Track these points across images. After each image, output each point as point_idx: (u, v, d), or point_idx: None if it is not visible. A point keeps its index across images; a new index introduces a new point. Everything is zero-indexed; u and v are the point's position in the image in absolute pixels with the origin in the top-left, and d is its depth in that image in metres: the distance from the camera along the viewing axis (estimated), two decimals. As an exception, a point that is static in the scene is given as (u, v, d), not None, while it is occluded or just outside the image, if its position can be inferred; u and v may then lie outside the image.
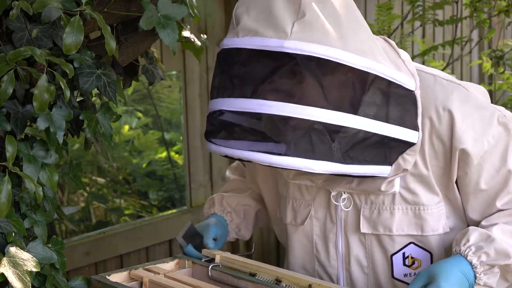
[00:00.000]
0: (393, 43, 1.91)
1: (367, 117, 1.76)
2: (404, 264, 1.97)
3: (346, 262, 2.02)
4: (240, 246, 4.05)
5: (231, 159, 1.91)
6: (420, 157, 1.90)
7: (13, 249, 1.77)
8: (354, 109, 1.74)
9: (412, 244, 1.96)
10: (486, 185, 1.91)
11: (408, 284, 1.94)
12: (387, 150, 1.82)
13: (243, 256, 2.10)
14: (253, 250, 2.29)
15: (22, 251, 1.78)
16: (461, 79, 5.50)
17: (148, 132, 5.01)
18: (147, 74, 2.20)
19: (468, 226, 1.97)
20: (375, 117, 1.77)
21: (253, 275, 1.99)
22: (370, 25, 4.10)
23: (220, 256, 2.10)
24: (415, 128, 1.84)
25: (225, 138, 1.78)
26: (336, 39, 1.71)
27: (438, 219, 1.94)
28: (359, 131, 1.76)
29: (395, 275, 1.99)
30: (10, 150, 1.78)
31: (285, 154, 1.72)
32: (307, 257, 2.09)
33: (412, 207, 1.94)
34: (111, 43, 1.86)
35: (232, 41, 1.77)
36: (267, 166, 1.82)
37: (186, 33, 2.27)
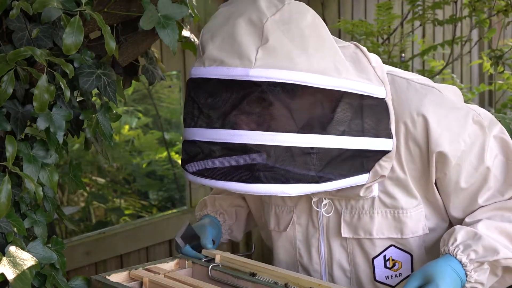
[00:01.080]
0: (364, 48, 1.90)
1: (339, 134, 1.77)
2: (385, 266, 1.99)
3: (328, 266, 2.04)
4: (240, 246, 4.06)
5: None
6: (396, 161, 1.91)
7: (13, 249, 1.77)
8: (325, 129, 1.75)
9: (392, 247, 1.98)
10: (466, 184, 1.93)
11: (390, 286, 1.98)
12: (364, 160, 1.84)
13: (243, 256, 2.10)
14: (253, 250, 2.29)
15: (22, 251, 1.78)
16: (461, 79, 5.51)
17: (148, 132, 5.01)
18: (147, 74, 2.21)
19: (451, 224, 1.99)
20: (348, 133, 1.78)
21: (253, 275, 1.99)
22: (370, 25, 4.13)
23: (220, 256, 2.10)
24: (389, 135, 1.85)
25: (200, 167, 1.80)
26: (300, 62, 1.71)
27: (417, 222, 1.96)
28: (333, 149, 1.77)
29: (377, 277, 2.00)
30: (10, 150, 1.78)
31: (259, 182, 1.73)
32: (291, 261, 2.11)
33: (391, 210, 1.95)
34: (111, 43, 1.86)
35: (199, 71, 1.78)
36: None
37: (186, 33, 2.28)
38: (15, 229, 1.83)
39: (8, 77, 1.78)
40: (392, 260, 1.99)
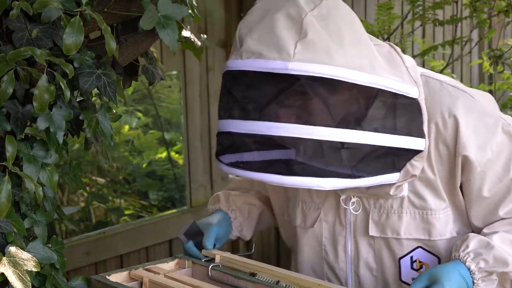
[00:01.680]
0: (398, 49, 1.92)
1: (373, 131, 1.78)
2: (412, 268, 1.99)
3: (355, 265, 2.04)
4: (240, 246, 4.06)
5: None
6: (426, 162, 1.92)
7: (13, 249, 1.77)
8: (360, 125, 1.77)
9: (420, 248, 1.98)
10: (489, 193, 1.92)
11: None
12: (395, 158, 1.85)
13: (243, 256, 2.10)
14: (253, 250, 2.29)
15: (22, 251, 1.78)
16: (461, 79, 5.51)
17: (148, 132, 5.01)
18: (147, 74, 2.20)
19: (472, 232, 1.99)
20: (382, 130, 1.80)
21: (253, 275, 1.99)
22: (370, 25, 4.12)
23: (220, 256, 2.10)
24: (422, 135, 1.86)
25: (235, 159, 1.81)
26: (338, 57, 1.73)
27: (445, 224, 1.96)
28: (366, 145, 1.78)
29: (403, 278, 2.00)
30: (10, 150, 1.78)
31: (295, 174, 1.74)
32: (316, 259, 2.10)
33: (420, 211, 1.96)
34: (111, 43, 1.86)
35: (236, 63, 1.78)
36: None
37: (186, 33, 2.27)
38: (15, 229, 1.83)
39: (8, 77, 1.78)
40: (420, 262, 1.99)
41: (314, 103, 1.73)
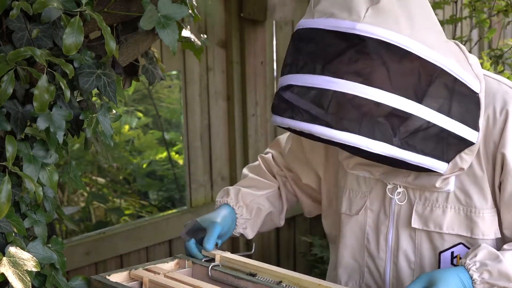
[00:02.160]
0: (464, 47, 1.95)
1: (429, 107, 1.80)
2: (452, 263, 1.99)
3: (394, 255, 2.05)
4: (240, 246, 4.06)
5: (293, 131, 1.94)
6: (476, 158, 1.93)
7: (13, 249, 1.77)
8: (417, 98, 1.79)
9: (461, 245, 1.99)
10: None
11: None
12: (445, 146, 1.85)
13: (243, 256, 2.10)
14: (253, 250, 2.29)
15: (22, 251, 1.78)
16: (461, 79, 5.48)
17: (148, 132, 5.01)
18: (147, 74, 2.20)
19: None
20: (438, 110, 1.81)
21: (253, 275, 1.99)
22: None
23: (220, 256, 2.10)
24: (476, 128, 1.87)
25: (290, 113, 1.84)
26: (406, 28, 1.77)
27: (490, 225, 1.96)
28: (420, 119, 1.80)
29: None
30: (10, 150, 1.78)
31: (346, 130, 1.77)
32: (358, 246, 2.12)
33: (465, 208, 1.96)
34: (111, 44, 1.86)
35: (307, 22, 1.84)
36: (330, 147, 1.94)
37: (186, 33, 2.27)
38: (15, 229, 1.83)
39: (8, 77, 1.78)
40: (460, 258, 1.98)
41: (376, 66, 1.76)
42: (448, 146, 1.86)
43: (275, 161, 2.35)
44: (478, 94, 1.88)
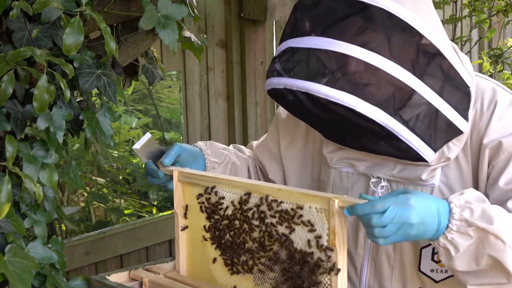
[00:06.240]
0: (455, 45, 1.96)
1: (425, 83, 1.81)
2: (433, 259, 1.97)
3: (374, 252, 2.03)
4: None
5: (286, 104, 1.94)
6: (462, 150, 1.93)
7: (13, 249, 1.77)
8: (414, 72, 1.80)
9: None
10: (505, 185, 1.89)
11: (433, 280, 1.96)
12: (435, 132, 1.85)
13: None
14: None
15: (22, 251, 1.78)
16: (461, 79, 5.49)
17: (148, 132, 5.00)
18: (147, 74, 2.21)
19: None
20: (432, 88, 1.82)
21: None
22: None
23: (177, 172, 2.07)
24: (465, 117, 1.88)
25: (288, 73, 1.85)
26: (409, 4, 1.80)
27: None
28: (415, 92, 1.81)
29: (422, 268, 1.98)
30: (10, 150, 1.78)
31: (343, 90, 1.77)
32: None
33: None
34: (111, 44, 1.86)
35: None
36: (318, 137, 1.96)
37: (186, 33, 2.28)
38: (15, 229, 1.83)
39: (8, 77, 1.78)
40: None
41: (377, 33, 1.79)
42: (437, 132, 1.85)
43: (250, 151, 2.37)
44: (469, 87, 1.89)
